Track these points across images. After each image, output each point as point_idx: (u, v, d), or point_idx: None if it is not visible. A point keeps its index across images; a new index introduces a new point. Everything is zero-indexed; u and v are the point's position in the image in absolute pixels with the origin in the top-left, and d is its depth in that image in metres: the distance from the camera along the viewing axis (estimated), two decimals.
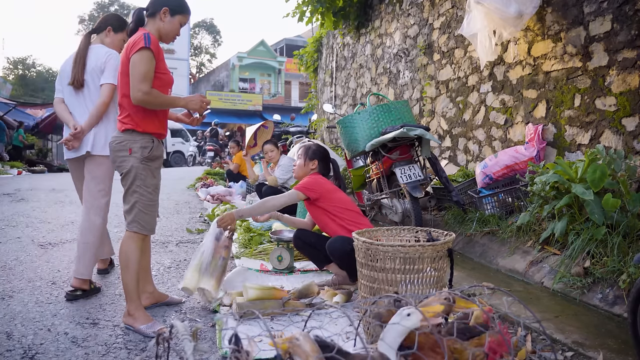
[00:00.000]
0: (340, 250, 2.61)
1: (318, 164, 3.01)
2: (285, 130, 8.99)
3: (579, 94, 3.61)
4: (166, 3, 2.29)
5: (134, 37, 2.23)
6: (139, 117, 2.26)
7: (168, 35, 2.34)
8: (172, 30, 2.34)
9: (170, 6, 2.29)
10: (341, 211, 2.82)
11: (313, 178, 2.91)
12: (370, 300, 1.87)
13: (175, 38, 2.40)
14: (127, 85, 2.22)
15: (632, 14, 3.17)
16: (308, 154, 3.02)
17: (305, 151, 3.04)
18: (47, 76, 37.45)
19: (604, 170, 2.65)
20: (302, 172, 3.02)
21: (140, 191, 2.27)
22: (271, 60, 29.11)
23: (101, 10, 37.97)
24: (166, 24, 2.31)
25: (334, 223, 2.80)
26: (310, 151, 3.03)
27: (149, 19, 2.32)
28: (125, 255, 2.27)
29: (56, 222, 4.91)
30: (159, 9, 2.29)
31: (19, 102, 18.30)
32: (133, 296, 2.25)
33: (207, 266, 2.54)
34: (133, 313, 2.23)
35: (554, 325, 2.17)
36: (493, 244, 3.45)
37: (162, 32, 2.32)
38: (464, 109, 5.13)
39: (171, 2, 2.30)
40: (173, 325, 1.18)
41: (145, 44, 2.16)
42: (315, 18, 7.93)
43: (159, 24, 2.31)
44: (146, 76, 2.16)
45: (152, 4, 2.31)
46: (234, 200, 6.57)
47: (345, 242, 2.59)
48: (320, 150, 3.06)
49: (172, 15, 2.30)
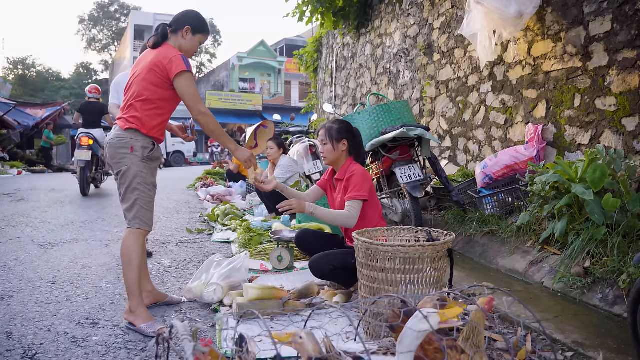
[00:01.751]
0: (322, 272, 2.59)
1: (348, 142, 2.71)
2: (285, 130, 8.98)
3: (579, 94, 3.61)
4: (189, 23, 2.45)
5: (171, 53, 2.33)
6: (148, 121, 2.35)
7: (188, 53, 2.49)
8: (192, 48, 2.50)
9: (193, 26, 2.45)
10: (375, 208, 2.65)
11: (360, 176, 2.58)
12: (370, 300, 1.87)
13: (194, 55, 2.56)
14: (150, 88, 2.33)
15: (632, 14, 3.17)
16: (333, 136, 2.69)
17: (329, 133, 2.70)
18: (47, 76, 37.48)
19: (604, 170, 2.65)
20: (335, 157, 2.71)
21: (141, 189, 2.34)
22: (271, 60, 29.11)
23: (101, 10, 38.02)
24: (187, 41, 2.47)
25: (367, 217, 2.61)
26: (334, 132, 2.69)
27: (172, 35, 2.47)
28: (127, 251, 2.33)
29: (56, 222, 4.91)
30: (182, 27, 2.44)
31: (19, 102, 18.28)
32: (135, 293, 2.29)
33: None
34: (135, 310, 2.27)
35: (554, 325, 2.17)
36: (493, 244, 3.45)
37: (183, 48, 2.46)
38: (464, 109, 5.13)
39: (193, 22, 2.46)
40: (173, 325, 1.18)
41: (187, 67, 2.31)
42: (315, 18, 7.93)
43: (181, 41, 2.46)
44: (198, 96, 2.34)
45: (176, 21, 2.46)
46: (234, 200, 6.57)
47: (322, 264, 2.55)
48: (344, 127, 2.73)
49: (193, 34, 2.47)
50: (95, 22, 38.51)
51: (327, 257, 2.57)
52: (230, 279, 2.68)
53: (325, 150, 2.73)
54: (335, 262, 2.53)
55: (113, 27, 38.69)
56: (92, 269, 3.29)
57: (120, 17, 38.44)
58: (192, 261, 3.60)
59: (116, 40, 38.36)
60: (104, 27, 38.81)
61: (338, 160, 2.73)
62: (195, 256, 3.76)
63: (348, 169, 2.68)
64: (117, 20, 38.63)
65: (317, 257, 2.60)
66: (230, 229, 4.75)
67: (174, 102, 2.43)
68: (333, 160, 2.73)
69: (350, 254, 2.49)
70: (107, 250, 3.84)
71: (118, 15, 38.53)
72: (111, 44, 39.19)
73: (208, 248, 4.07)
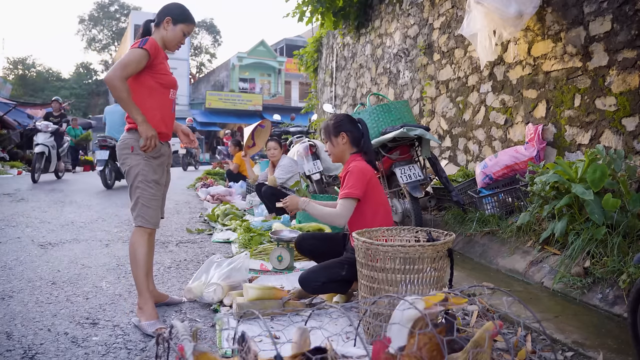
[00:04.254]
0: (312, 289, 2.49)
1: (347, 134, 2.62)
2: (285, 130, 8.98)
3: (579, 94, 3.61)
4: (169, 13, 2.43)
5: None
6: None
7: (171, 43, 2.46)
8: (175, 38, 2.46)
9: (173, 16, 2.42)
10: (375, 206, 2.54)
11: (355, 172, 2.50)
12: (370, 300, 1.87)
13: (179, 46, 2.52)
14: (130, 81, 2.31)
15: (632, 14, 3.17)
16: (331, 132, 2.64)
17: (326, 131, 2.66)
18: (47, 76, 37.45)
19: (604, 170, 2.65)
20: (338, 151, 2.65)
21: (142, 186, 2.35)
22: (271, 60, 29.10)
23: (101, 10, 38.01)
24: (169, 32, 2.44)
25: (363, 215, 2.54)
26: (331, 127, 2.64)
27: (155, 29, 2.47)
28: (133, 249, 2.36)
29: (56, 222, 4.91)
30: (163, 18, 2.43)
31: (19, 102, 18.29)
32: (142, 290, 2.33)
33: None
34: (142, 306, 2.30)
35: (554, 325, 2.17)
36: (493, 244, 3.45)
37: (166, 40, 2.45)
38: (464, 109, 5.13)
39: (174, 12, 2.43)
40: (173, 325, 1.18)
41: (140, 44, 2.30)
42: (315, 18, 7.93)
43: (163, 33, 2.44)
44: (127, 66, 2.26)
45: (158, 14, 2.45)
46: (234, 200, 6.58)
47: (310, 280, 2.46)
48: (342, 120, 2.66)
49: (174, 24, 2.44)
50: (95, 22, 38.50)
51: (314, 274, 2.48)
52: (230, 279, 2.68)
53: (328, 148, 2.69)
54: (323, 278, 2.43)
55: (113, 27, 38.68)
56: (92, 269, 3.29)
57: (120, 17, 38.43)
58: (192, 261, 3.60)
59: (116, 40, 38.35)
60: (104, 27, 38.79)
61: (342, 155, 2.66)
62: (195, 256, 3.76)
63: (349, 165, 2.61)
64: (117, 20, 38.62)
65: (305, 274, 2.49)
66: (230, 229, 4.75)
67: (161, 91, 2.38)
68: (337, 156, 2.67)
69: (339, 266, 2.45)
70: (107, 250, 3.84)
71: (118, 15, 38.52)
72: (111, 44, 39.18)
73: (208, 248, 4.07)
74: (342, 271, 2.42)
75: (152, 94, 2.37)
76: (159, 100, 2.40)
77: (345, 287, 2.53)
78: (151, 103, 2.36)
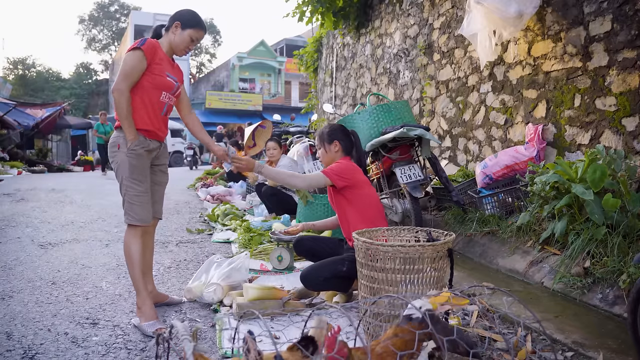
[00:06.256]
0: (314, 285, 2.53)
1: (340, 143, 2.72)
2: (285, 130, 8.97)
3: (579, 94, 3.61)
4: (179, 18, 2.45)
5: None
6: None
7: (178, 47, 2.48)
8: (182, 43, 2.46)
9: (182, 21, 2.45)
10: (365, 207, 2.58)
11: (344, 164, 2.62)
12: (370, 300, 1.87)
13: (187, 51, 2.52)
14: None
15: (632, 14, 3.17)
16: (325, 139, 2.74)
17: (320, 138, 2.77)
18: (47, 76, 37.45)
19: (604, 170, 2.65)
20: (329, 159, 2.75)
21: (127, 184, 2.34)
22: (271, 60, 29.09)
23: (101, 10, 38.01)
24: (176, 37, 2.46)
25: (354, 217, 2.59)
26: (325, 135, 2.75)
27: (165, 33, 2.50)
28: (126, 248, 2.37)
29: (56, 222, 4.91)
30: (172, 23, 2.46)
31: (19, 102, 18.29)
32: (139, 289, 2.33)
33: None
34: (140, 306, 2.30)
35: (554, 325, 2.17)
36: (493, 244, 3.45)
37: (173, 44, 2.47)
38: (464, 109, 5.13)
39: (183, 17, 2.45)
40: (173, 325, 1.18)
41: (138, 44, 2.31)
42: (315, 18, 7.93)
43: (171, 37, 2.47)
44: (129, 75, 2.29)
45: (170, 19, 2.48)
46: (234, 200, 6.57)
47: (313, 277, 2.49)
48: (336, 129, 2.77)
49: (182, 29, 2.45)
50: (95, 22, 38.49)
51: (316, 270, 2.50)
52: (230, 279, 2.68)
53: (320, 154, 2.81)
54: (326, 273, 2.46)
55: (113, 27, 38.67)
56: (92, 269, 3.29)
57: (120, 17, 38.43)
58: (192, 261, 3.60)
59: (116, 40, 38.35)
60: (104, 27, 38.79)
61: (332, 162, 2.73)
62: (195, 256, 3.76)
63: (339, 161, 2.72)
64: (117, 20, 38.61)
65: (307, 271, 2.52)
66: (230, 229, 4.75)
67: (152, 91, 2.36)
68: (328, 163, 2.76)
69: (339, 262, 2.48)
70: (107, 250, 3.84)
71: (118, 15, 38.52)
72: (111, 44, 39.18)
73: (208, 248, 4.07)
74: (343, 267, 2.45)
75: (140, 92, 2.34)
76: (147, 100, 2.36)
77: (347, 285, 2.53)
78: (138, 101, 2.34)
